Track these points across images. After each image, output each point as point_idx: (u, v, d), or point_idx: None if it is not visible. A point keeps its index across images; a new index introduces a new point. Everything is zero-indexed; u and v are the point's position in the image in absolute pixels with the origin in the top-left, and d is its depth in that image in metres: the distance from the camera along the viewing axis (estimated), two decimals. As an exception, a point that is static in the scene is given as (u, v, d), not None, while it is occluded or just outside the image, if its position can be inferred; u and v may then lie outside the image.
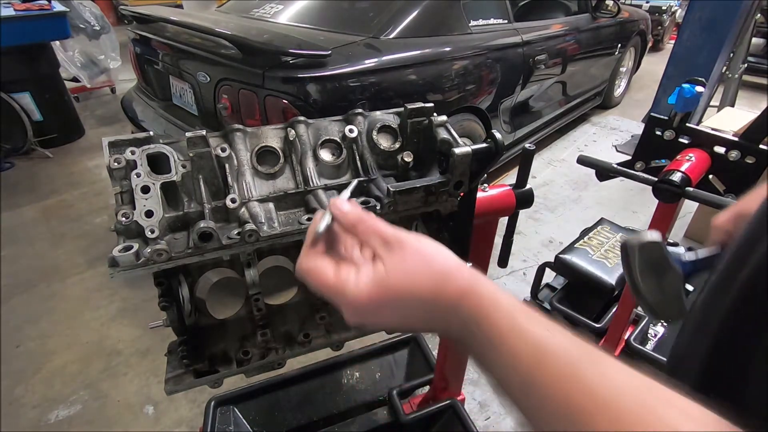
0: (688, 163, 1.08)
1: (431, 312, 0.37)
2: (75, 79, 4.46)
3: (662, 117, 1.20)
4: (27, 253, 2.47)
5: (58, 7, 3.45)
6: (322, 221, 0.41)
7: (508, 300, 0.36)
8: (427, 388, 1.36)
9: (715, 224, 0.64)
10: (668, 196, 1.08)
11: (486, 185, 0.88)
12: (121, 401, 1.70)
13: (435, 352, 1.39)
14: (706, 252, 0.64)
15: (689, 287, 0.63)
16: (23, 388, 1.75)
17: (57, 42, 3.85)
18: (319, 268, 0.39)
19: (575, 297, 1.77)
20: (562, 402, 0.30)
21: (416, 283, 0.37)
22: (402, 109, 0.73)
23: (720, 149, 1.12)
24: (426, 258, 0.38)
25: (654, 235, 0.58)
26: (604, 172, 1.24)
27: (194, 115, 2.17)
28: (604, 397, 0.29)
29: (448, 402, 1.22)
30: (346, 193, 0.52)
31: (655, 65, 5.18)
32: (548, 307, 1.78)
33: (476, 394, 1.71)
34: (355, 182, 0.60)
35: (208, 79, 1.96)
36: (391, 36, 2.10)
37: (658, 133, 1.21)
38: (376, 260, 0.38)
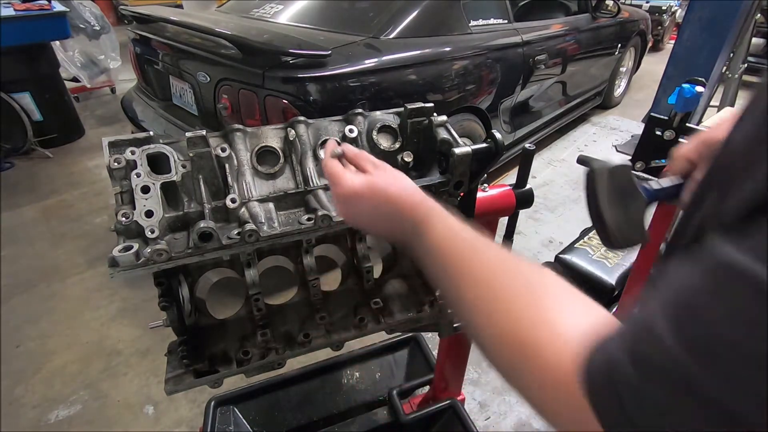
0: (688, 163, 1.08)
1: (394, 214, 0.50)
2: (75, 79, 4.46)
3: (662, 117, 1.20)
4: (27, 253, 2.47)
5: (58, 7, 3.44)
6: (337, 148, 0.57)
7: (446, 213, 0.48)
8: (427, 388, 1.36)
9: (677, 154, 0.65)
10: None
11: (486, 185, 0.88)
12: (121, 401, 1.70)
13: (435, 352, 1.39)
14: (668, 182, 0.64)
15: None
16: (23, 388, 1.75)
17: (57, 42, 3.84)
18: (332, 164, 0.54)
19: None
20: (466, 271, 0.41)
21: (390, 188, 0.51)
22: (402, 109, 0.73)
23: (720, 149, 1.12)
24: (398, 177, 0.54)
25: (622, 159, 0.59)
26: (604, 172, 1.24)
27: (194, 115, 2.17)
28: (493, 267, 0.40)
29: (448, 402, 1.22)
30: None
31: (655, 65, 5.18)
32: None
33: (476, 394, 1.71)
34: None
35: (208, 79, 1.96)
36: (391, 36, 2.10)
37: (658, 133, 1.21)
38: (367, 173, 0.53)
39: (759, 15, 3.38)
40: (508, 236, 0.97)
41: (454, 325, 0.78)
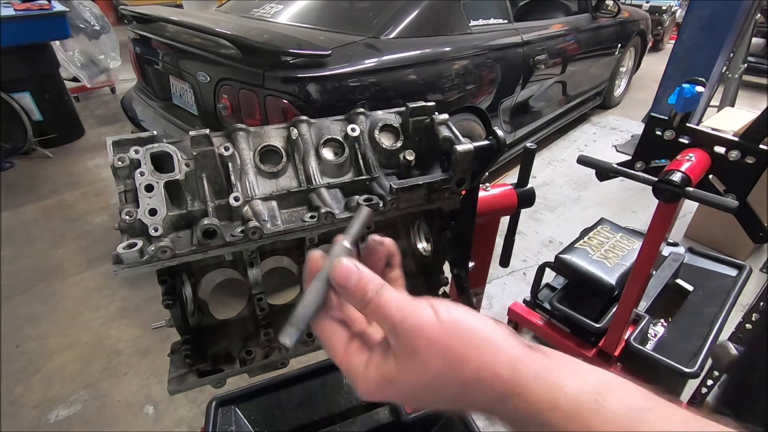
0: (688, 163, 1.09)
1: (462, 406, 0.33)
2: (75, 79, 4.45)
3: (662, 117, 1.21)
4: (27, 253, 2.47)
5: (58, 7, 3.45)
6: (316, 281, 0.35)
7: (567, 393, 0.29)
8: (428, 388, 1.36)
9: None
10: (668, 196, 1.08)
11: (488, 184, 0.88)
12: (121, 401, 1.70)
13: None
14: None
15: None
16: (23, 388, 1.75)
17: (57, 42, 3.84)
18: (330, 338, 0.36)
19: (575, 297, 1.77)
20: None
21: (435, 392, 0.32)
22: (404, 108, 0.74)
23: (720, 149, 1.12)
24: (448, 360, 0.30)
25: None
26: (604, 172, 1.24)
27: (194, 115, 2.17)
28: None
29: (449, 401, 1.21)
30: (354, 229, 0.40)
31: (655, 65, 5.19)
32: (548, 307, 1.78)
33: (477, 393, 1.71)
34: (365, 213, 0.42)
35: (208, 79, 1.96)
36: (391, 36, 2.10)
37: (658, 133, 1.21)
38: (387, 352, 0.33)
39: (759, 15, 3.38)
40: (510, 235, 0.97)
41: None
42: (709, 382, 1.34)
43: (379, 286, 0.34)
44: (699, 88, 1.13)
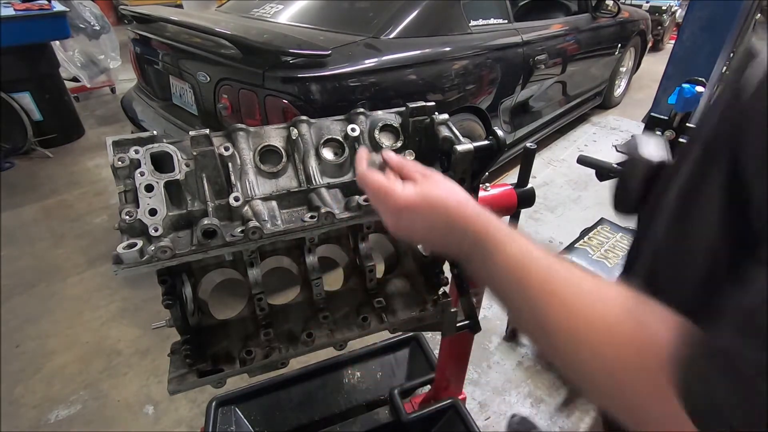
0: (689, 162, 1.08)
1: (454, 227, 0.48)
2: (75, 79, 4.45)
3: (662, 117, 1.21)
4: (27, 253, 2.47)
5: (58, 7, 3.44)
6: (375, 157, 0.58)
7: (511, 229, 0.46)
8: (428, 388, 1.36)
9: None
10: (669, 195, 1.08)
11: (487, 184, 0.88)
12: (121, 401, 1.70)
13: (436, 352, 1.39)
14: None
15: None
16: (23, 388, 1.75)
17: (57, 42, 3.84)
18: (376, 175, 0.53)
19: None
20: (534, 294, 0.40)
21: (449, 200, 0.49)
22: (404, 108, 0.74)
23: (720, 149, 1.12)
24: (451, 186, 0.51)
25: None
26: (604, 172, 1.24)
27: (194, 115, 2.17)
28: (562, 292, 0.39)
29: (449, 401, 1.22)
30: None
31: (655, 65, 5.18)
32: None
33: (476, 394, 1.71)
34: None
35: (208, 79, 1.96)
36: (391, 36, 2.10)
37: (659, 133, 1.21)
38: (416, 183, 0.51)
39: (759, 15, 3.38)
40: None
41: (457, 325, 0.78)
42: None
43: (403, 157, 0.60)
44: (699, 88, 1.14)
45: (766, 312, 0.28)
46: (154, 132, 0.61)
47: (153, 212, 0.55)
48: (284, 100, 1.73)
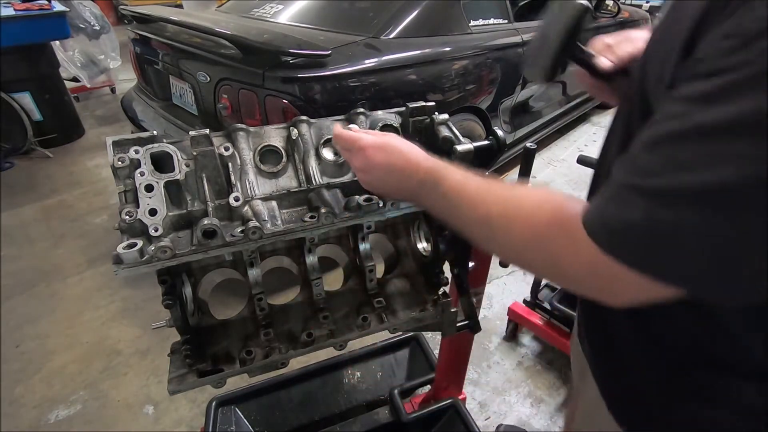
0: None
1: (407, 168, 0.56)
2: (75, 79, 4.45)
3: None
4: (27, 253, 2.47)
5: (58, 7, 3.44)
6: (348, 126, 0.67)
7: (453, 166, 0.55)
8: (428, 388, 1.36)
9: (598, 40, 0.65)
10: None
11: (487, 184, 0.88)
12: (121, 401, 1.70)
13: (436, 352, 1.39)
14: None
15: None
16: (23, 388, 1.75)
17: (57, 42, 3.84)
18: (347, 131, 0.61)
19: (575, 297, 1.77)
20: (474, 197, 0.50)
21: (403, 145, 0.58)
22: (404, 108, 0.74)
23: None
24: (404, 139, 0.60)
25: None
26: (605, 172, 1.24)
27: (194, 115, 2.17)
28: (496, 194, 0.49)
29: (449, 401, 1.22)
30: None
31: (654, 65, 5.18)
32: (548, 307, 1.78)
33: (476, 394, 1.71)
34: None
35: (208, 79, 1.96)
36: (391, 36, 2.10)
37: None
38: (378, 135, 0.60)
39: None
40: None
41: (457, 325, 0.78)
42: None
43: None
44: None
45: (645, 155, 0.36)
46: (154, 132, 0.61)
47: (153, 212, 0.55)
48: (284, 100, 1.73)
